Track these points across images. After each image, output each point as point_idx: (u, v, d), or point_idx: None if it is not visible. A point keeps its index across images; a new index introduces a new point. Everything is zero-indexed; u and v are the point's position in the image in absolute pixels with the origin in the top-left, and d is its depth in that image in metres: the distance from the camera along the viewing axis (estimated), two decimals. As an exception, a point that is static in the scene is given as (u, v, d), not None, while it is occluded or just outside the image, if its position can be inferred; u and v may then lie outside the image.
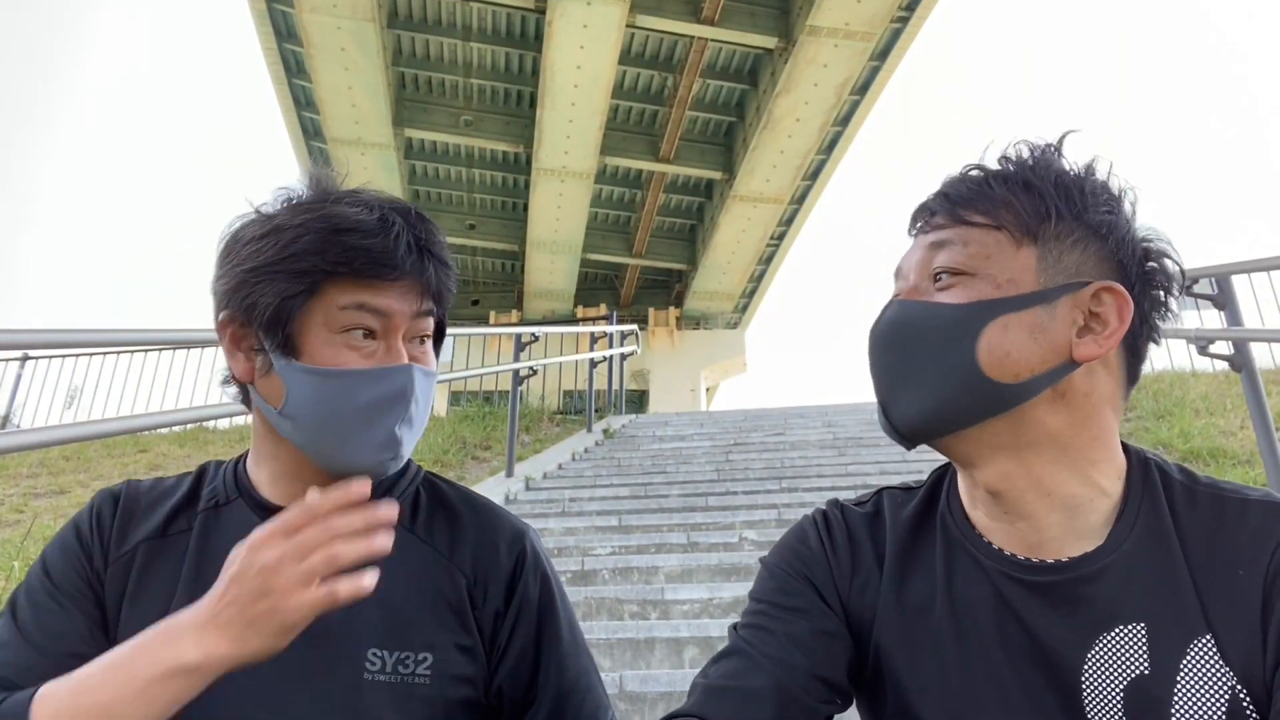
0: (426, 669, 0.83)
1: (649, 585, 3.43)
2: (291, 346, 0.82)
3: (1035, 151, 0.78)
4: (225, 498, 0.91)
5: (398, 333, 0.84)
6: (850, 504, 0.88)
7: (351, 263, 0.81)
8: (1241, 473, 4.20)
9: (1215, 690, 0.66)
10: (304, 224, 0.83)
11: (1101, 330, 0.73)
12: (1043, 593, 0.73)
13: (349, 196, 0.87)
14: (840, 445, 6.07)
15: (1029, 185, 0.75)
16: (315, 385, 0.81)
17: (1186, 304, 3.88)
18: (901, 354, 0.75)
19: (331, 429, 0.82)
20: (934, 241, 0.77)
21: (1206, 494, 0.74)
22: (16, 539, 4.33)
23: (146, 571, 0.86)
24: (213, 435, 7.50)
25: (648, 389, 19.13)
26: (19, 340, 2.23)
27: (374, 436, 0.82)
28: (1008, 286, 0.73)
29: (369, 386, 0.82)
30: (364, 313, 0.82)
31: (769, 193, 15.33)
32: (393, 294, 0.84)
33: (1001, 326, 0.72)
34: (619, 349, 9.20)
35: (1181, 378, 6.58)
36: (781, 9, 12.59)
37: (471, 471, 6.25)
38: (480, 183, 17.07)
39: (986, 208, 0.75)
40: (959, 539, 0.79)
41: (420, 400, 0.85)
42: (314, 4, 11.53)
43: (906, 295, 0.77)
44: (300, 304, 0.82)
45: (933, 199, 0.80)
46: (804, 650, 0.76)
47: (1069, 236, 0.74)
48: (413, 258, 0.84)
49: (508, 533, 0.93)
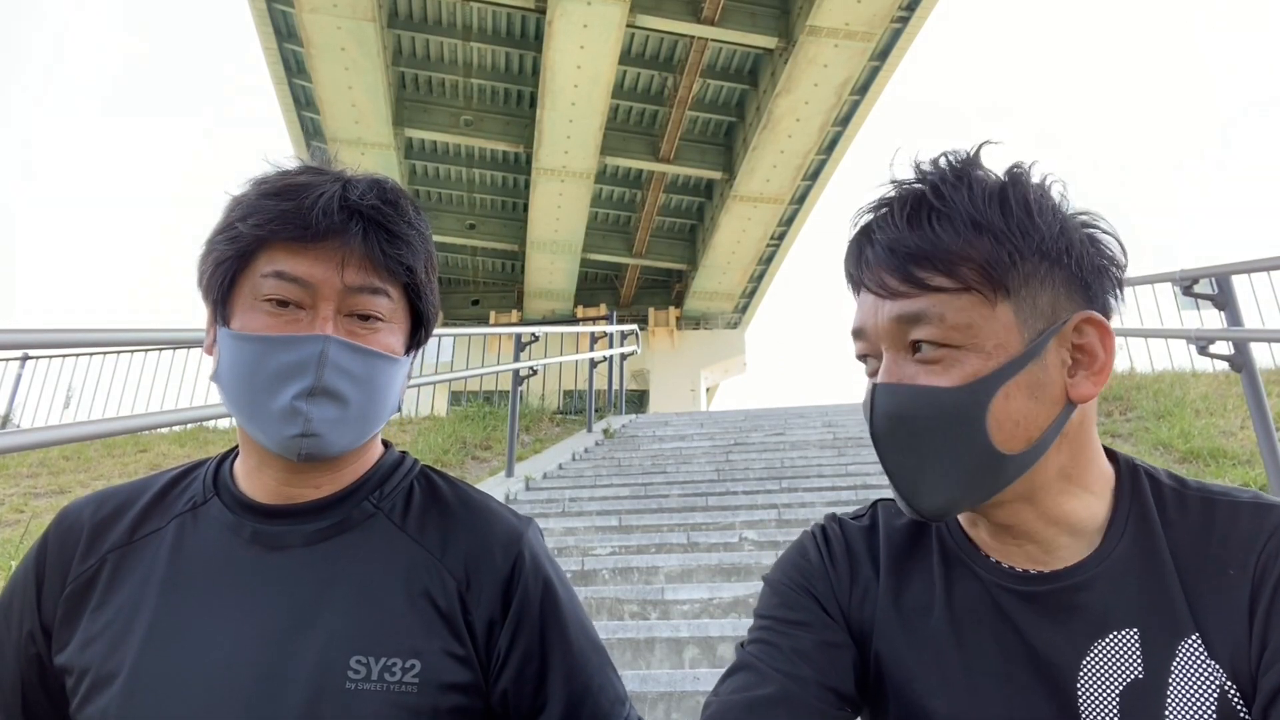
0: (414, 677, 0.78)
1: (649, 585, 3.43)
2: (226, 315, 0.82)
3: (952, 173, 0.73)
4: (203, 498, 0.88)
5: (326, 304, 0.80)
6: (848, 518, 0.88)
7: (267, 224, 0.79)
8: (1241, 473, 4.19)
9: (1205, 687, 0.67)
10: (246, 192, 0.82)
11: (1091, 364, 0.72)
12: (1037, 602, 0.73)
13: (322, 170, 0.84)
14: (840, 445, 6.07)
15: (977, 224, 0.70)
16: (231, 349, 0.80)
17: (1187, 304, 3.88)
18: (913, 449, 0.71)
19: (244, 398, 0.80)
20: (903, 314, 0.71)
21: (1197, 498, 0.75)
22: (16, 538, 4.33)
23: (115, 579, 0.83)
24: (213, 435, 7.49)
25: (648, 389, 19.13)
26: (19, 340, 2.23)
27: (277, 408, 0.78)
28: (997, 354, 0.69)
29: (275, 354, 0.78)
30: (281, 281, 0.79)
31: (769, 193, 15.33)
32: (311, 260, 0.79)
33: (1004, 398, 0.69)
34: (619, 349, 9.20)
35: (1181, 378, 6.58)
36: (781, 9, 12.59)
37: (472, 471, 6.25)
38: (480, 183, 17.06)
39: (944, 267, 0.70)
40: (955, 551, 0.80)
41: (349, 379, 0.80)
42: (314, 4, 11.53)
43: (889, 377, 0.72)
44: (231, 270, 0.81)
45: (875, 253, 0.73)
46: (810, 662, 0.76)
47: (1035, 275, 0.70)
48: (331, 219, 0.79)
49: (503, 533, 0.87)
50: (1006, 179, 0.73)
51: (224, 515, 0.85)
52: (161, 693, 0.76)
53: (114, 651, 0.79)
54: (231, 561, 0.83)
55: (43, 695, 0.84)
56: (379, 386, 0.83)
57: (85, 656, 0.80)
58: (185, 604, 0.80)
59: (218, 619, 0.79)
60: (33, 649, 0.84)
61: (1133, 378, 6.78)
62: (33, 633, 0.84)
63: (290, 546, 0.83)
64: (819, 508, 4.40)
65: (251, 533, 0.84)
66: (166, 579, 0.82)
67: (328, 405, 0.79)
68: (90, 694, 0.78)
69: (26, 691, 0.84)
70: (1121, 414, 5.91)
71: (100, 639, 0.80)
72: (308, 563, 0.83)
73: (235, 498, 0.86)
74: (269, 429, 0.79)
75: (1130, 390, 6.31)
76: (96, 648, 0.80)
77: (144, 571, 0.83)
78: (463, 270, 19.80)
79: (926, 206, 0.72)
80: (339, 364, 0.79)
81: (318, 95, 13.49)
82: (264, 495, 0.85)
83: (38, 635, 0.84)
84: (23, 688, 0.84)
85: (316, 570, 0.82)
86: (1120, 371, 7.12)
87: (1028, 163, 0.74)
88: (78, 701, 0.79)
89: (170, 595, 0.81)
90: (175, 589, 0.81)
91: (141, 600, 0.81)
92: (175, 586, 0.82)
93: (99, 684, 0.78)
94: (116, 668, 0.78)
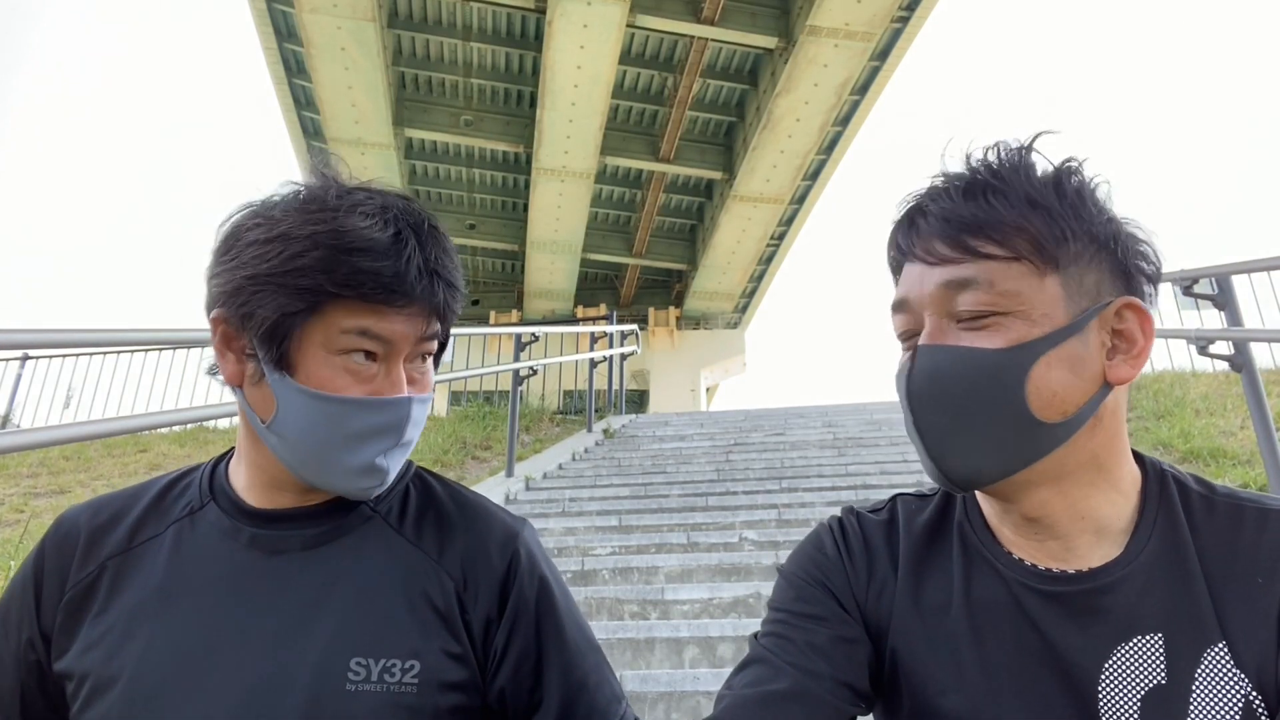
0: (414, 677, 0.78)
1: (649, 585, 3.43)
2: (287, 362, 0.78)
3: (1012, 157, 0.74)
4: (200, 503, 0.87)
5: (399, 357, 0.81)
6: (865, 511, 0.87)
7: (359, 286, 0.77)
8: (1241, 473, 4.19)
9: (1229, 696, 0.66)
10: (312, 236, 0.77)
11: (1130, 349, 0.72)
12: (1061, 602, 0.73)
13: (361, 202, 0.81)
14: (840, 445, 6.07)
15: (1033, 202, 0.72)
16: (308, 406, 0.78)
17: (1187, 304, 3.88)
18: (949, 407, 0.71)
19: (318, 452, 0.79)
20: (952, 280, 0.72)
21: (1225, 504, 0.74)
22: (15, 538, 4.33)
23: (115, 585, 0.83)
24: (213, 435, 7.50)
25: (648, 389, 19.13)
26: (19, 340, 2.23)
27: (358, 464, 0.79)
28: (1043, 322, 0.70)
29: (363, 416, 0.79)
30: (367, 338, 0.79)
31: (769, 193, 15.33)
32: (399, 320, 0.80)
33: (1045, 365, 0.69)
34: (619, 349, 9.20)
35: (1181, 378, 6.58)
36: (781, 9, 12.60)
37: (471, 471, 6.25)
38: (480, 183, 17.07)
39: (999, 236, 0.71)
40: (977, 547, 0.79)
41: (417, 426, 0.83)
42: (314, 4, 11.53)
43: (932, 339, 0.72)
44: (301, 321, 0.77)
45: (928, 223, 0.74)
46: (824, 657, 0.76)
47: (1084, 255, 0.72)
48: (424, 283, 0.80)
49: (499, 533, 0.88)
50: (1062, 168, 0.75)
51: (221, 520, 0.85)
52: (161, 698, 0.76)
53: (114, 657, 0.79)
54: (230, 566, 0.83)
55: (42, 702, 0.84)
56: (423, 421, 0.86)
57: (85, 662, 0.80)
58: (184, 609, 0.80)
59: (217, 624, 0.79)
60: (32, 656, 0.84)
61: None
62: (32, 639, 0.84)
63: (288, 551, 0.83)
64: (819, 508, 4.40)
65: (249, 537, 0.84)
66: (165, 585, 0.82)
67: (398, 453, 0.83)
68: (90, 700, 0.78)
69: (26, 698, 0.84)
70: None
71: (100, 645, 0.80)
72: (306, 567, 0.83)
73: (232, 502, 0.86)
74: (342, 481, 0.81)
75: (1130, 390, 6.29)
76: (96, 654, 0.80)
77: (143, 577, 0.83)
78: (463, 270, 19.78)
79: (983, 184, 0.74)
80: (416, 419, 0.83)
81: (318, 95, 13.49)
82: (261, 500, 0.85)
83: (37, 642, 0.84)
84: (22, 694, 0.84)
85: (315, 574, 0.82)
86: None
87: (1080, 158, 0.76)
88: (77, 707, 0.79)
89: (169, 601, 0.81)
90: (174, 594, 0.81)
91: (141, 606, 0.81)
92: (174, 592, 0.82)
93: (99, 690, 0.78)
94: (116, 673, 0.78)
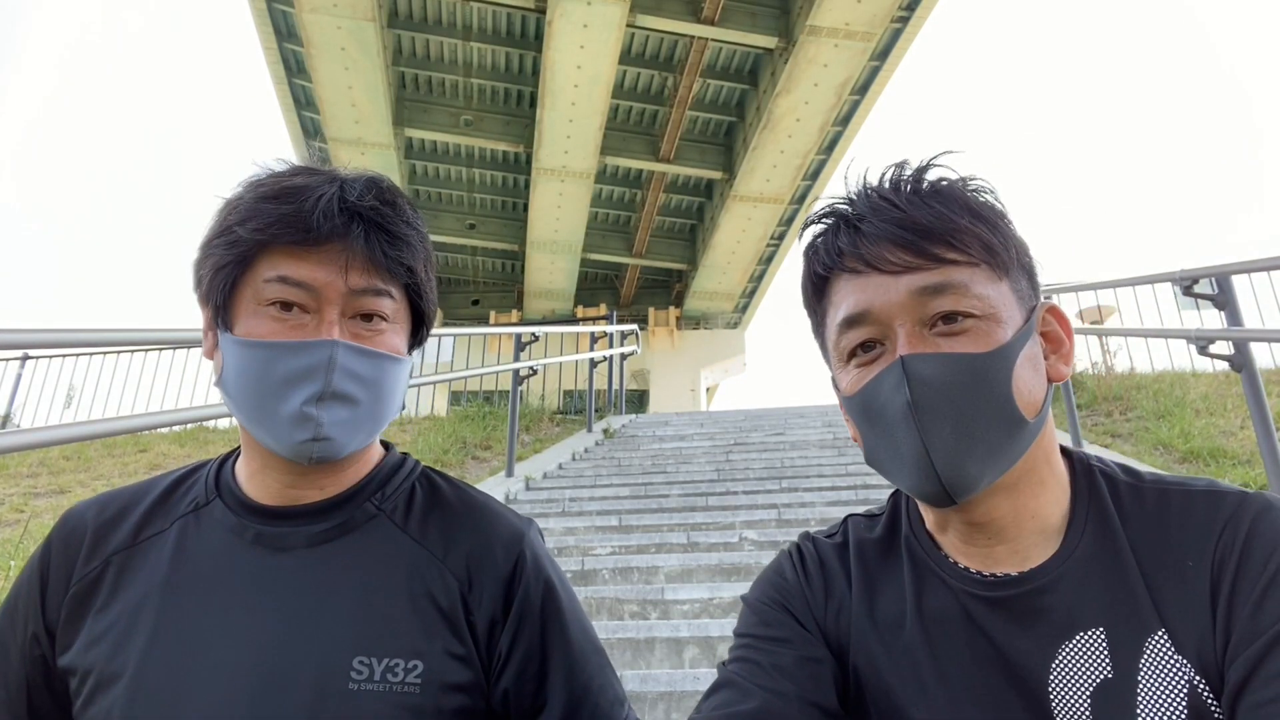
0: (416, 677, 0.78)
1: (649, 585, 3.43)
2: (227, 319, 0.81)
3: (917, 173, 0.76)
4: (205, 499, 0.88)
5: (331, 309, 0.80)
6: (821, 535, 0.90)
7: (267, 229, 0.79)
8: (1241, 473, 4.19)
9: (1174, 684, 0.66)
10: (242, 195, 0.82)
11: (1059, 349, 0.76)
12: (1004, 607, 0.74)
13: (316, 171, 0.84)
14: (840, 445, 6.07)
15: (974, 212, 0.74)
16: (237, 356, 0.80)
17: (1187, 304, 3.89)
18: (948, 417, 0.69)
19: (252, 404, 0.80)
20: (926, 285, 0.71)
21: (1152, 491, 0.75)
22: (15, 538, 4.33)
23: (119, 581, 0.84)
24: (213, 435, 7.50)
25: (648, 389, 19.12)
26: (19, 340, 2.23)
27: (288, 413, 0.78)
28: (1010, 324, 0.72)
29: (284, 359, 0.78)
30: (285, 285, 0.79)
31: (769, 193, 15.33)
32: (314, 263, 0.79)
33: (1020, 366, 0.71)
34: (619, 349, 9.20)
35: (1181, 378, 6.58)
36: (781, 9, 12.59)
37: (471, 471, 6.25)
38: (480, 182, 17.06)
39: (956, 241, 0.72)
40: (924, 560, 0.80)
41: (358, 382, 0.80)
42: (314, 4, 11.53)
43: (914, 348, 0.71)
44: (232, 275, 0.80)
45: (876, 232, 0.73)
46: (791, 678, 0.77)
47: (1014, 264, 0.75)
48: (333, 222, 0.79)
49: (505, 533, 0.88)
50: (974, 183, 0.78)
51: (227, 517, 0.86)
52: (165, 694, 0.76)
53: (117, 653, 0.79)
54: (234, 563, 0.83)
55: (48, 697, 0.84)
56: (386, 387, 0.83)
57: (89, 658, 0.80)
58: (188, 606, 0.81)
59: (221, 620, 0.79)
60: (37, 651, 0.84)
61: (1133, 378, 6.79)
62: (37, 634, 0.84)
63: (293, 548, 0.83)
64: (819, 508, 4.40)
65: (254, 534, 0.84)
66: (170, 581, 0.82)
67: (338, 408, 0.80)
68: (94, 695, 0.78)
69: (32, 693, 0.84)
70: (1121, 414, 5.92)
71: (104, 640, 0.80)
72: (310, 564, 0.83)
73: (238, 499, 0.86)
74: (279, 434, 0.79)
75: (1130, 390, 6.31)
76: (100, 649, 0.80)
77: (147, 574, 0.83)
78: (463, 270, 19.81)
79: (928, 192, 0.75)
80: (348, 368, 0.80)
81: (318, 95, 13.49)
82: (267, 497, 0.85)
83: (42, 637, 0.84)
84: (28, 689, 0.84)
85: (319, 572, 0.82)
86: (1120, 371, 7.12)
87: (979, 177, 0.79)
88: (81, 703, 0.79)
89: (173, 597, 0.81)
90: (178, 591, 0.82)
91: (145, 602, 0.81)
92: (178, 588, 0.82)
93: (102, 685, 0.78)
94: (120, 669, 0.78)
